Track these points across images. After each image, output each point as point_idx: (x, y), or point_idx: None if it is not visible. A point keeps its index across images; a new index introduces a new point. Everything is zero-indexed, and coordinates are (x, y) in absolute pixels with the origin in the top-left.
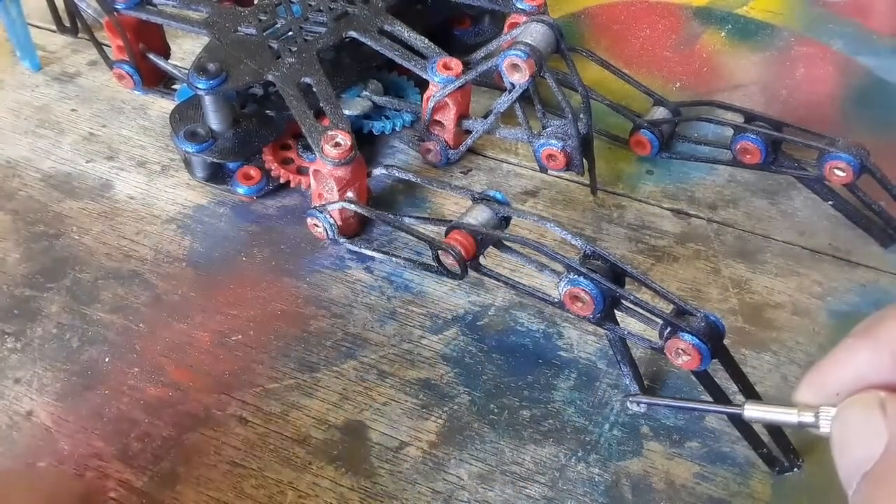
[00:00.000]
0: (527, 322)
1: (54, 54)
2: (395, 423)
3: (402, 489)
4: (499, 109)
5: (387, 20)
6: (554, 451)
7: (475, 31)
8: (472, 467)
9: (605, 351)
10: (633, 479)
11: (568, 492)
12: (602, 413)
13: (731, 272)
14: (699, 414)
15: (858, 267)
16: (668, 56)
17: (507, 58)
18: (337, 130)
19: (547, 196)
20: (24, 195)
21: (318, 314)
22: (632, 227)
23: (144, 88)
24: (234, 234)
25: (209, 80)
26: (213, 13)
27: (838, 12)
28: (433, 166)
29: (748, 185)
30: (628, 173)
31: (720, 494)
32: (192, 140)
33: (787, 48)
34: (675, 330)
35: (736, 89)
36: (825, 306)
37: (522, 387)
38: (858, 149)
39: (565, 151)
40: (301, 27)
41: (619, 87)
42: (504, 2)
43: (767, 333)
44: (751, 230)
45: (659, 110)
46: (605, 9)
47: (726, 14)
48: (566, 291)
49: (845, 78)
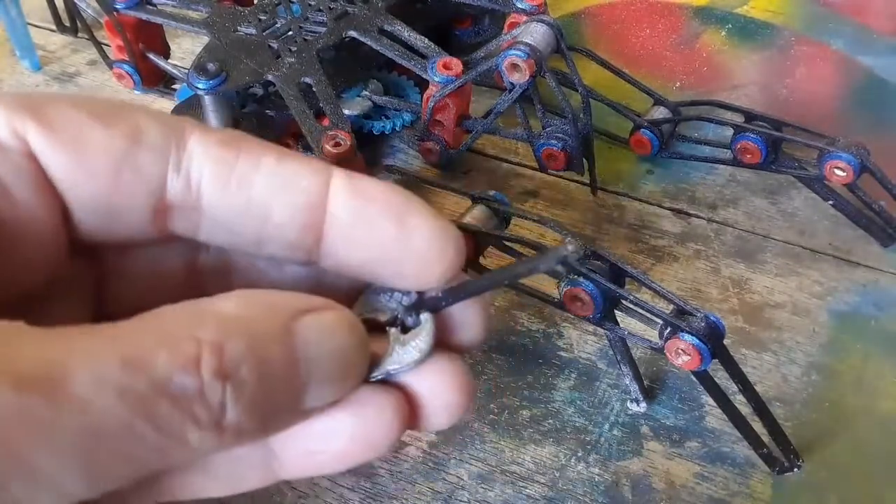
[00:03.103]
0: (527, 322)
1: (54, 54)
2: None
3: (402, 489)
4: (499, 109)
5: (387, 20)
6: (554, 451)
7: (475, 30)
8: (471, 467)
9: (605, 351)
10: (633, 479)
11: (568, 492)
12: (602, 413)
13: (731, 272)
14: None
15: (859, 267)
16: (669, 56)
17: (507, 58)
18: (337, 130)
19: (547, 196)
20: None
21: None
22: (632, 227)
23: (144, 88)
24: None
25: (209, 80)
26: (212, 13)
27: (838, 12)
28: (433, 166)
29: (748, 185)
30: (628, 173)
31: (720, 494)
32: None
33: (787, 48)
34: (675, 330)
35: (736, 89)
36: (825, 306)
37: (522, 387)
38: (859, 148)
39: (565, 151)
40: (301, 27)
41: (619, 87)
42: (504, 1)
43: (767, 333)
44: (751, 230)
45: (659, 110)
46: (606, 8)
47: (726, 14)
48: (566, 291)
49: (845, 77)
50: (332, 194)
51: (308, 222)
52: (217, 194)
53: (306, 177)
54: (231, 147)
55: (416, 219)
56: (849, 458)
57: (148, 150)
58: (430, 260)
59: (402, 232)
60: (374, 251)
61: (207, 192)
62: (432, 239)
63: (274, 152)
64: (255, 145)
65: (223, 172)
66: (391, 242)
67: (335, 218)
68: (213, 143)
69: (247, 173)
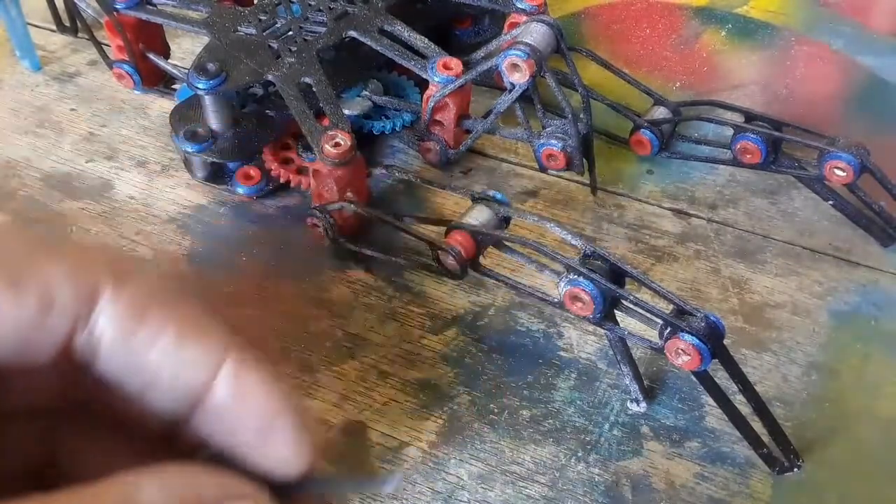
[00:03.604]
0: (527, 322)
1: (54, 54)
2: (395, 423)
3: (402, 489)
4: (499, 109)
5: (387, 20)
6: (554, 451)
7: (475, 30)
8: (472, 467)
9: (605, 351)
10: (633, 479)
11: (568, 492)
12: (602, 413)
13: (731, 272)
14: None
15: (859, 267)
16: (669, 56)
17: (507, 58)
18: (337, 130)
19: (547, 196)
20: (24, 195)
21: (319, 314)
22: (632, 227)
23: (144, 88)
24: (234, 234)
25: (209, 80)
26: (212, 13)
27: (838, 12)
28: (433, 166)
29: (748, 185)
30: (628, 173)
31: (720, 494)
32: (192, 140)
33: (787, 48)
34: (675, 330)
35: (736, 89)
36: (825, 306)
37: (522, 387)
38: (859, 148)
39: (565, 151)
40: (301, 27)
41: (619, 87)
42: (504, 1)
43: (767, 333)
44: (751, 230)
45: (659, 110)
46: (606, 8)
47: (726, 14)
48: (566, 291)
49: (845, 77)
50: (218, 381)
51: (188, 400)
52: (113, 355)
53: (198, 360)
54: (136, 315)
55: (283, 422)
56: (849, 458)
57: (57, 314)
58: (287, 461)
59: (268, 434)
60: (240, 438)
61: (105, 350)
62: (293, 444)
63: (174, 328)
64: (160, 316)
65: (122, 339)
66: (255, 437)
67: (214, 401)
68: (122, 305)
69: (143, 344)
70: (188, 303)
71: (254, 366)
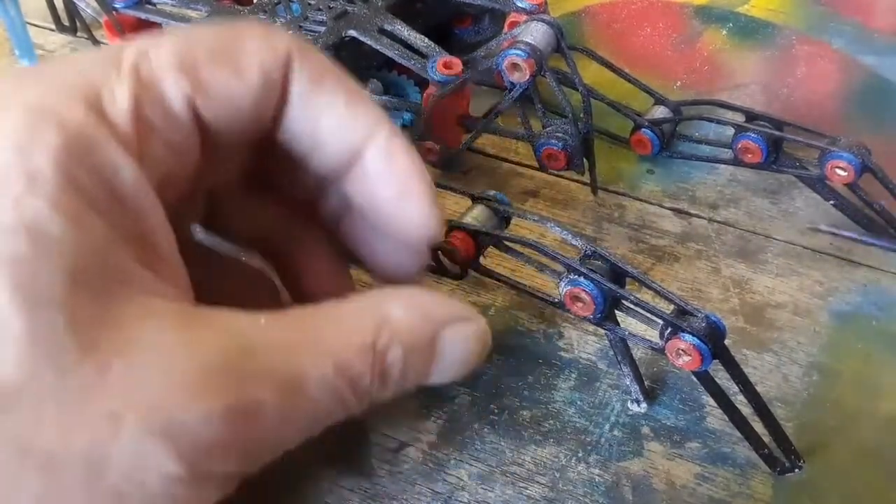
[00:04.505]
0: (527, 322)
1: (53, 53)
2: (395, 423)
3: (402, 490)
4: (499, 109)
5: (386, 19)
6: (554, 452)
7: (475, 30)
8: (472, 468)
9: (606, 351)
10: (633, 480)
11: (568, 492)
12: (602, 413)
13: (732, 272)
14: None
15: (860, 267)
16: (669, 55)
17: (507, 57)
18: None
19: (547, 196)
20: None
21: None
22: (632, 227)
23: None
24: None
25: None
26: (212, 12)
27: (840, 11)
28: (433, 166)
29: (749, 185)
30: (629, 173)
31: (721, 495)
32: None
33: (788, 47)
34: (676, 330)
35: (737, 88)
36: (826, 306)
37: (522, 387)
38: (860, 148)
39: (565, 151)
40: (300, 26)
41: (619, 86)
42: (504, 0)
43: (768, 333)
44: (752, 230)
45: (660, 109)
46: (606, 7)
47: (727, 13)
48: (567, 292)
49: (847, 77)
50: (373, 144)
51: (347, 159)
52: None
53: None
54: (317, 81)
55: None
56: (850, 459)
57: (272, 87)
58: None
59: (406, 196)
60: (382, 196)
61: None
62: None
63: (344, 95)
64: (334, 84)
65: (304, 104)
66: (397, 197)
67: (366, 162)
68: (306, 73)
69: (321, 107)
70: (350, 78)
71: (401, 136)
